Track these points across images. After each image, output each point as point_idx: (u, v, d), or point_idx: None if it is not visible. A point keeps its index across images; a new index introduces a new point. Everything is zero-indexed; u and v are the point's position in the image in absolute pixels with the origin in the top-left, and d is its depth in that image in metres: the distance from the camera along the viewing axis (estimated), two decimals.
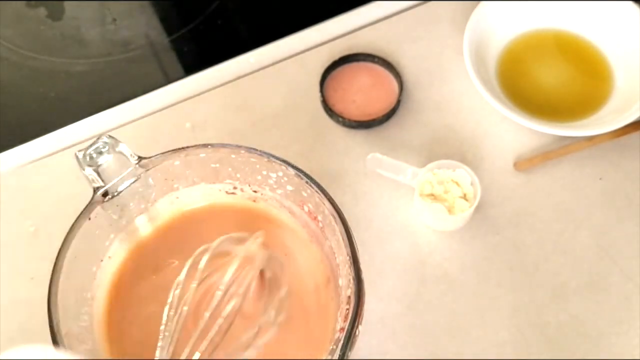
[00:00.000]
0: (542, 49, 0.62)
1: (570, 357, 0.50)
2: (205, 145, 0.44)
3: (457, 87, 0.61)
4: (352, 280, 0.40)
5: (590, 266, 0.53)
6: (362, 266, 0.40)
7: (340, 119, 0.59)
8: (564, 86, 0.61)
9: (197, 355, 0.37)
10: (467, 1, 0.64)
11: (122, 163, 0.42)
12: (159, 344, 0.38)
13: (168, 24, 0.69)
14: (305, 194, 0.44)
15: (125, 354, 0.38)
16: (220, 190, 0.48)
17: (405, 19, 0.65)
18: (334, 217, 0.42)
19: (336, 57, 0.62)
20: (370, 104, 0.60)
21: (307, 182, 0.43)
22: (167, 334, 0.37)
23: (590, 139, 0.57)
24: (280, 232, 0.48)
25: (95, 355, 0.42)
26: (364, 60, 0.62)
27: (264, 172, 0.46)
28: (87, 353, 0.41)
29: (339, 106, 0.60)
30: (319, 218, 0.45)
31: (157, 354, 0.37)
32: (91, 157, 0.43)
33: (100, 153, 0.43)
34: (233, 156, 0.45)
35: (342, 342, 0.38)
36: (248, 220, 0.49)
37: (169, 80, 0.64)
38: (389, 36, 0.64)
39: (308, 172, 0.43)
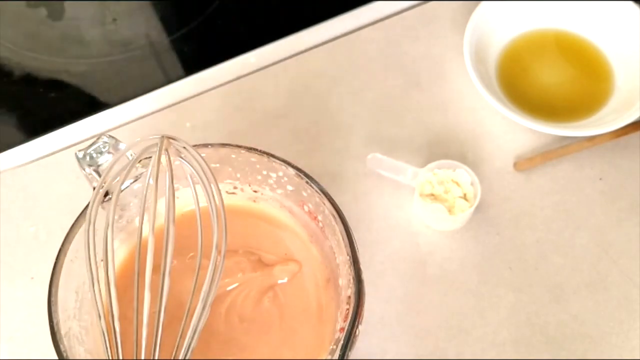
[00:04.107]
0: (542, 49, 0.62)
1: (570, 357, 0.50)
2: (205, 145, 0.44)
3: (457, 87, 0.61)
4: (352, 280, 0.40)
5: (590, 266, 0.53)
6: (362, 266, 0.40)
7: None
8: (564, 86, 0.61)
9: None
10: (467, 1, 0.64)
11: (122, 163, 0.42)
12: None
13: (168, 24, 0.69)
14: (305, 194, 0.44)
15: (125, 353, 0.38)
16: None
17: (405, 19, 0.65)
18: (334, 217, 0.42)
19: (336, 56, 0.62)
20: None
21: (307, 182, 0.43)
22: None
23: (590, 139, 0.57)
24: (280, 232, 0.48)
25: (95, 355, 0.42)
26: None
27: (264, 172, 0.46)
28: (87, 353, 0.41)
29: None
30: (319, 218, 0.45)
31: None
32: (91, 157, 0.42)
33: (100, 153, 0.43)
34: (233, 156, 0.45)
35: (342, 342, 0.38)
36: (248, 220, 0.49)
37: (169, 80, 0.64)
38: (389, 36, 0.64)
39: (308, 172, 0.43)
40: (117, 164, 0.40)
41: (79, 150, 0.43)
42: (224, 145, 0.45)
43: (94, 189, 0.42)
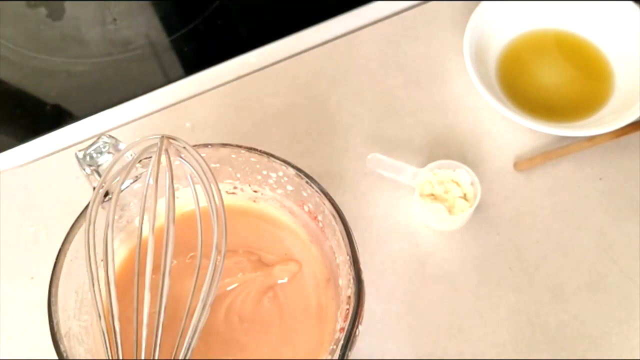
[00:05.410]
0: (542, 49, 0.62)
1: (570, 357, 0.50)
2: (205, 145, 0.44)
3: (457, 87, 0.61)
4: (352, 280, 0.40)
5: (590, 266, 0.53)
6: (362, 266, 0.40)
7: None
8: (564, 86, 0.61)
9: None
10: (467, 1, 0.64)
11: (122, 163, 0.42)
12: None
13: (168, 24, 0.69)
14: (305, 194, 0.44)
15: (125, 353, 0.38)
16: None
17: (405, 19, 0.65)
18: (334, 217, 0.42)
19: (336, 56, 0.62)
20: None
21: (307, 182, 0.43)
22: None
23: (590, 139, 0.57)
24: (280, 232, 0.48)
25: (95, 355, 0.42)
26: None
27: (264, 172, 0.46)
28: (87, 353, 0.41)
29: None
30: (319, 218, 0.45)
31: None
32: (91, 157, 0.42)
33: (100, 153, 0.43)
34: (233, 156, 0.45)
35: (342, 342, 0.38)
36: (248, 220, 0.49)
37: (169, 80, 0.64)
38: (389, 36, 0.64)
39: (308, 172, 0.43)
40: (117, 164, 0.40)
41: (79, 150, 0.43)
42: (224, 145, 0.45)
43: (94, 189, 0.42)
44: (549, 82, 0.61)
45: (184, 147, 0.39)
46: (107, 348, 0.37)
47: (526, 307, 0.52)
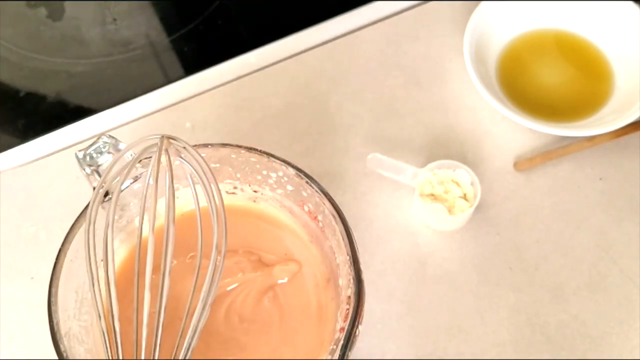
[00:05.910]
0: (542, 49, 0.62)
1: (570, 357, 0.50)
2: (205, 145, 0.44)
3: (457, 87, 0.61)
4: (352, 280, 0.40)
5: (590, 266, 0.53)
6: (362, 266, 0.40)
7: None
8: (564, 86, 0.61)
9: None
10: (467, 1, 0.64)
11: (122, 163, 0.42)
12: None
13: (168, 24, 0.69)
14: (305, 194, 0.44)
15: (125, 353, 0.38)
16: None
17: (405, 19, 0.65)
18: (334, 217, 0.42)
19: (336, 56, 0.62)
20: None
21: (307, 182, 0.43)
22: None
23: (590, 139, 0.57)
24: (280, 232, 0.48)
25: (95, 355, 0.42)
26: None
27: (264, 172, 0.46)
28: (87, 353, 0.41)
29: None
30: (319, 218, 0.45)
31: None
32: (91, 157, 0.43)
33: (100, 153, 0.43)
34: (233, 156, 0.45)
35: (342, 342, 0.38)
36: (248, 220, 0.49)
37: (169, 80, 0.64)
38: (389, 36, 0.64)
39: (308, 172, 0.43)
40: (117, 164, 0.40)
41: (79, 150, 0.43)
42: (224, 145, 0.45)
43: (94, 189, 0.42)
44: (549, 82, 0.61)
45: (184, 147, 0.39)
46: (107, 348, 0.37)
47: (526, 307, 0.52)
